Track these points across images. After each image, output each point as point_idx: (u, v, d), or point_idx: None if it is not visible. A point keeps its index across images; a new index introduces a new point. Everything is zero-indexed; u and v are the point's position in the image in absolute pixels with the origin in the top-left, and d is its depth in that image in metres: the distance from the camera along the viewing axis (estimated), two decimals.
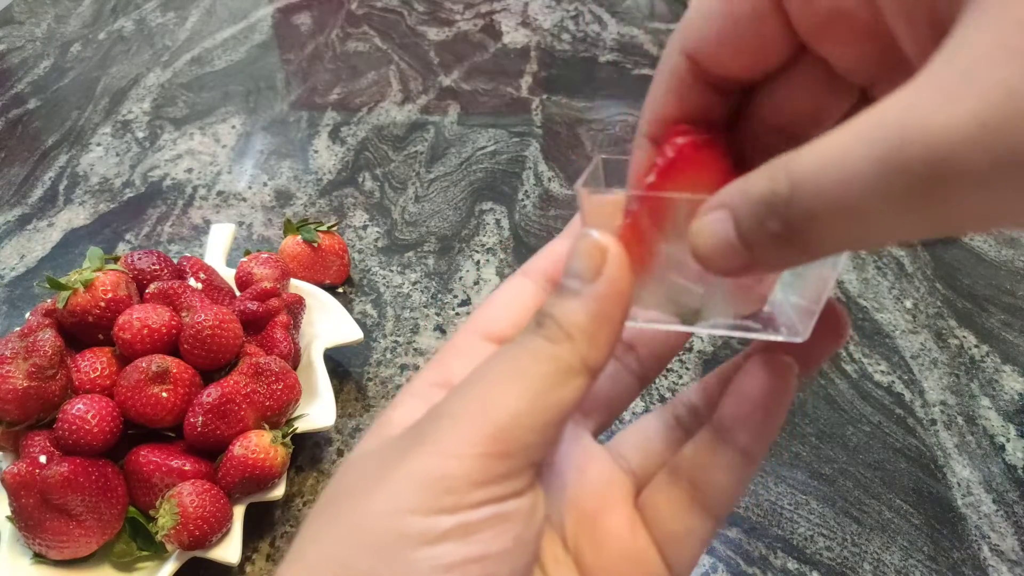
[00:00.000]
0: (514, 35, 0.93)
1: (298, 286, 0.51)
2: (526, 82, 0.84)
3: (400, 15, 0.98)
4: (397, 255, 0.61)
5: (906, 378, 0.51)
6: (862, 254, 0.61)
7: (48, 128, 0.77)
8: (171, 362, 0.39)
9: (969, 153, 0.11)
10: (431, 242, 0.62)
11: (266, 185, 0.68)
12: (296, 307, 0.48)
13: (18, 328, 0.41)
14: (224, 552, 0.38)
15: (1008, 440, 0.47)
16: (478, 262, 0.60)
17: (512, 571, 0.17)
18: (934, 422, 0.48)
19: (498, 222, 0.64)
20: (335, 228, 0.57)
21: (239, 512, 0.39)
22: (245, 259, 0.50)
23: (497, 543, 0.16)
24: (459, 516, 0.16)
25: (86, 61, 0.88)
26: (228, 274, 0.50)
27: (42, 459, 0.36)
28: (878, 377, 0.51)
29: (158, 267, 0.45)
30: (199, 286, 0.45)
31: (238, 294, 0.48)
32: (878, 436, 0.47)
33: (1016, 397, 0.49)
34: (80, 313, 0.40)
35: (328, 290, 0.53)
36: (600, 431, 0.23)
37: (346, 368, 0.51)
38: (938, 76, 0.12)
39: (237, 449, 0.39)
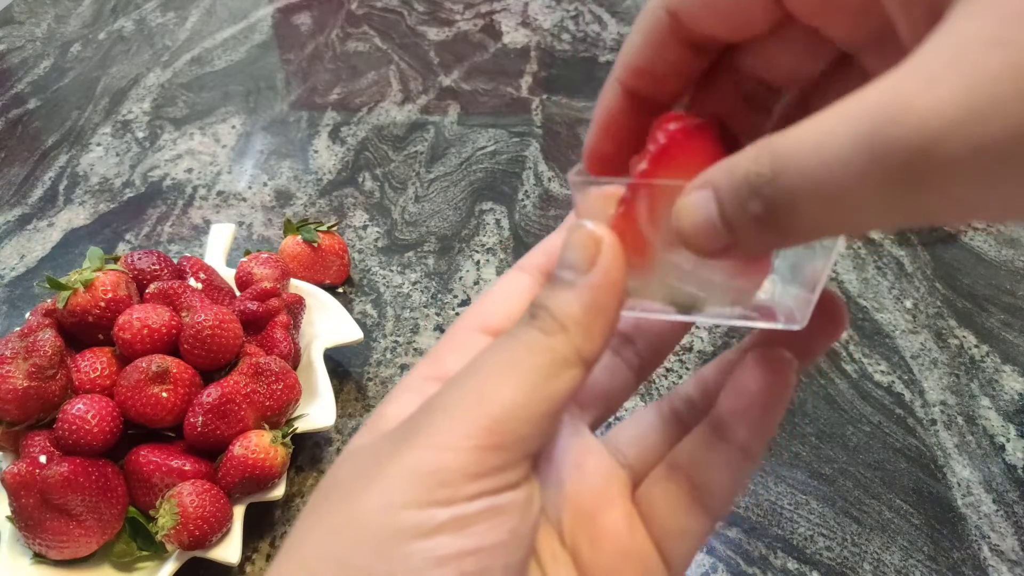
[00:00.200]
0: (514, 35, 0.93)
1: (298, 286, 0.51)
2: (526, 82, 0.84)
3: (400, 15, 0.98)
4: (397, 255, 0.61)
5: (906, 378, 0.51)
6: (862, 254, 0.61)
7: (48, 128, 0.77)
8: (171, 362, 0.39)
9: (950, 139, 0.11)
10: (431, 242, 0.62)
11: (266, 185, 0.68)
12: (296, 307, 0.48)
13: (18, 328, 0.41)
14: (224, 552, 0.38)
15: (1008, 440, 0.47)
16: (478, 262, 0.60)
17: (507, 564, 0.16)
18: (934, 422, 0.48)
19: (498, 222, 0.64)
20: (335, 228, 0.57)
21: (239, 512, 0.39)
22: (245, 259, 0.50)
23: (492, 536, 0.16)
24: (454, 509, 0.16)
25: (86, 61, 0.88)
26: (228, 274, 0.50)
27: (42, 459, 0.36)
28: (878, 377, 0.51)
29: (158, 267, 0.45)
30: (199, 286, 0.45)
31: (238, 294, 0.48)
32: (878, 436, 0.47)
33: (1016, 397, 0.49)
34: (80, 313, 0.40)
35: (328, 290, 0.53)
36: (597, 425, 0.23)
37: (346, 368, 0.51)
38: (925, 61, 0.12)
39: (237, 449, 0.39)
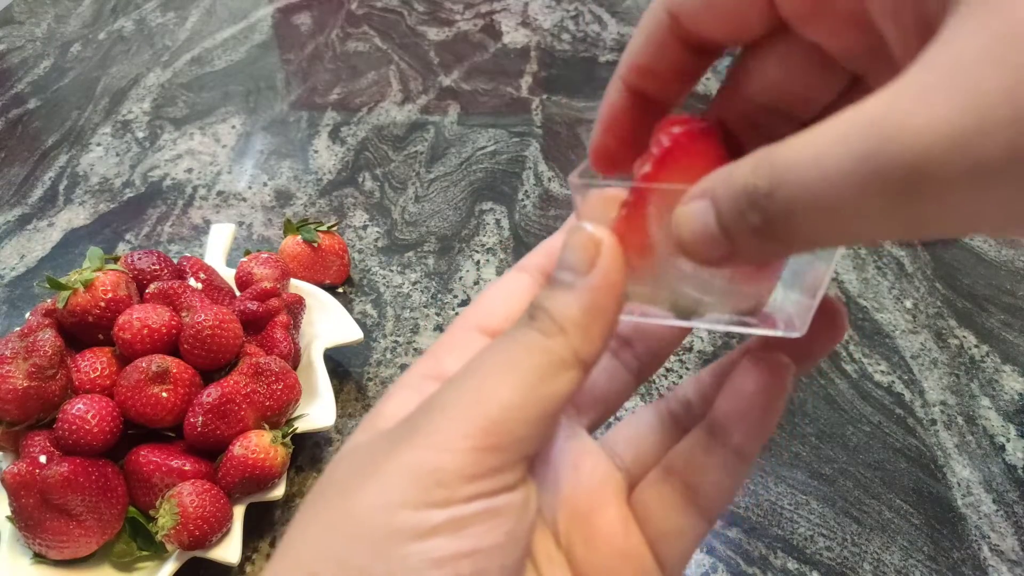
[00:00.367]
0: (514, 35, 0.93)
1: (298, 286, 0.51)
2: (526, 82, 0.84)
3: (400, 15, 0.98)
4: (397, 255, 0.61)
5: (906, 378, 0.51)
6: (862, 254, 0.61)
7: (48, 128, 0.77)
8: (171, 362, 0.39)
9: (945, 157, 0.11)
10: (431, 242, 0.62)
11: (266, 185, 0.68)
12: (296, 307, 0.48)
13: (18, 328, 0.41)
14: (224, 552, 0.38)
15: (1008, 440, 0.47)
16: (478, 262, 0.60)
17: (503, 566, 0.16)
18: (934, 422, 0.48)
19: (498, 222, 0.64)
20: (335, 228, 0.57)
21: (239, 512, 0.39)
22: (245, 259, 0.50)
23: (489, 538, 0.16)
24: (451, 510, 0.16)
25: (86, 61, 0.88)
26: (228, 274, 0.50)
27: (42, 459, 0.36)
28: (878, 377, 0.51)
29: (158, 267, 0.45)
30: (199, 286, 0.45)
31: (238, 294, 0.48)
32: (878, 436, 0.47)
33: (1016, 397, 0.49)
34: (80, 313, 0.40)
35: (328, 290, 0.53)
36: (595, 427, 0.23)
37: (346, 368, 0.51)
38: (919, 78, 0.12)
39: (237, 449, 0.39)
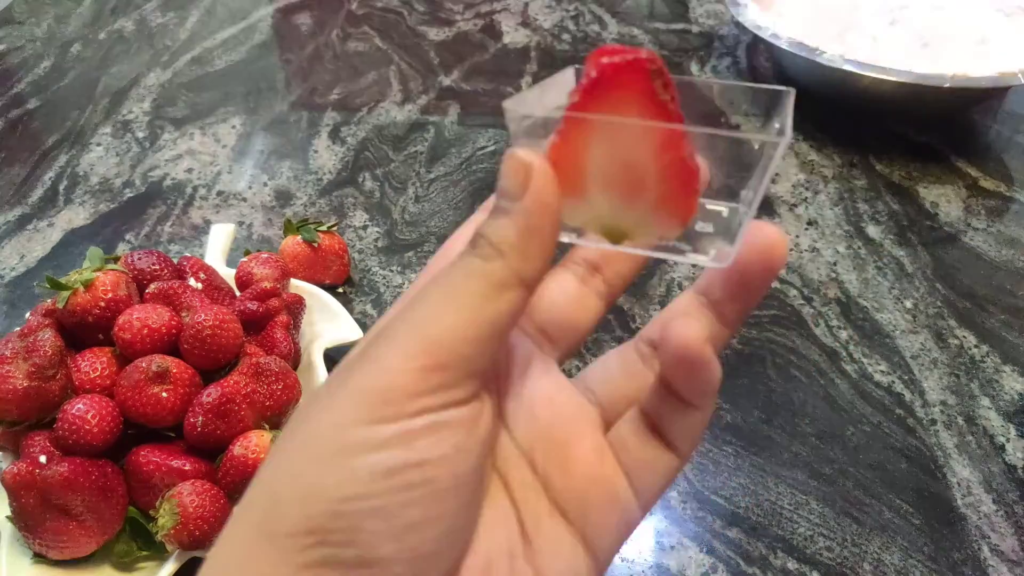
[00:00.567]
0: (514, 35, 0.93)
1: (298, 286, 0.51)
2: (526, 82, 0.84)
3: (400, 15, 0.98)
4: (397, 255, 0.61)
5: (906, 378, 0.51)
6: (862, 254, 0.61)
7: (48, 128, 0.77)
8: (171, 362, 0.39)
9: None
10: (431, 242, 0.62)
11: (266, 185, 0.68)
12: (296, 307, 0.48)
13: (18, 328, 0.41)
14: None
15: (1008, 440, 0.47)
16: None
17: (453, 475, 0.17)
18: (934, 422, 0.48)
19: None
20: (335, 228, 0.57)
21: None
22: (245, 259, 0.50)
23: (436, 450, 0.17)
24: (399, 425, 0.17)
25: (86, 61, 0.88)
26: (228, 274, 0.50)
27: (42, 459, 0.36)
28: (878, 377, 0.51)
29: (158, 267, 0.45)
30: (199, 286, 0.45)
31: (238, 294, 0.48)
32: (878, 436, 0.47)
33: (1016, 397, 0.49)
34: (80, 313, 0.40)
35: (328, 290, 0.53)
36: (567, 358, 0.24)
37: None
38: None
39: (237, 449, 0.39)
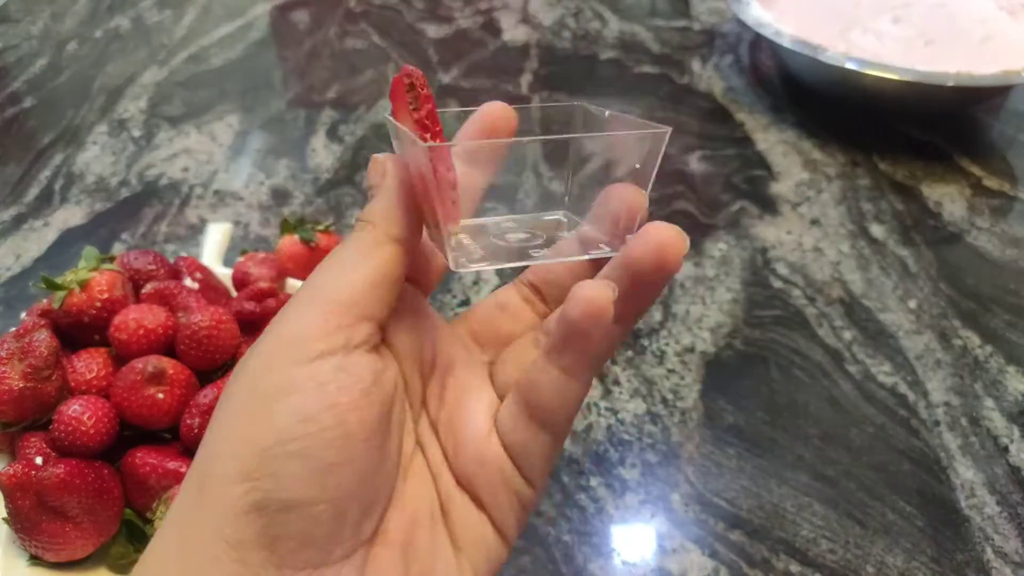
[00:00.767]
0: (514, 32, 0.93)
1: (295, 286, 0.51)
2: (526, 80, 0.83)
3: (399, 12, 0.97)
4: None
5: (910, 379, 0.50)
6: (866, 254, 0.60)
7: (44, 127, 0.76)
8: (167, 363, 0.39)
9: None
10: None
11: (263, 184, 0.68)
12: None
13: (14, 329, 0.40)
14: None
15: (1012, 442, 0.47)
16: None
17: (361, 420, 0.19)
18: (938, 423, 0.48)
19: None
20: (332, 228, 0.57)
21: None
22: (242, 259, 0.49)
23: (346, 395, 0.19)
24: (309, 368, 0.19)
25: (82, 59, 0.88)
26: (225, 274, 0.50)
27: (38, 460, 0.36)
28: (882, 378, 0.50)
29: (154, 267, 0.44)
30: (195, 286, 0.45)
31: (234, 294, 0.48)
32: (881, 438, 0.47)
33: (1020, 398, 0.49)
34: (76, 313, 0.40)
35: None
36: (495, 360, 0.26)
37: None
38: None
39: None
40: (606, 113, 0.24)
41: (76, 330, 0.40)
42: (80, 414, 0.36)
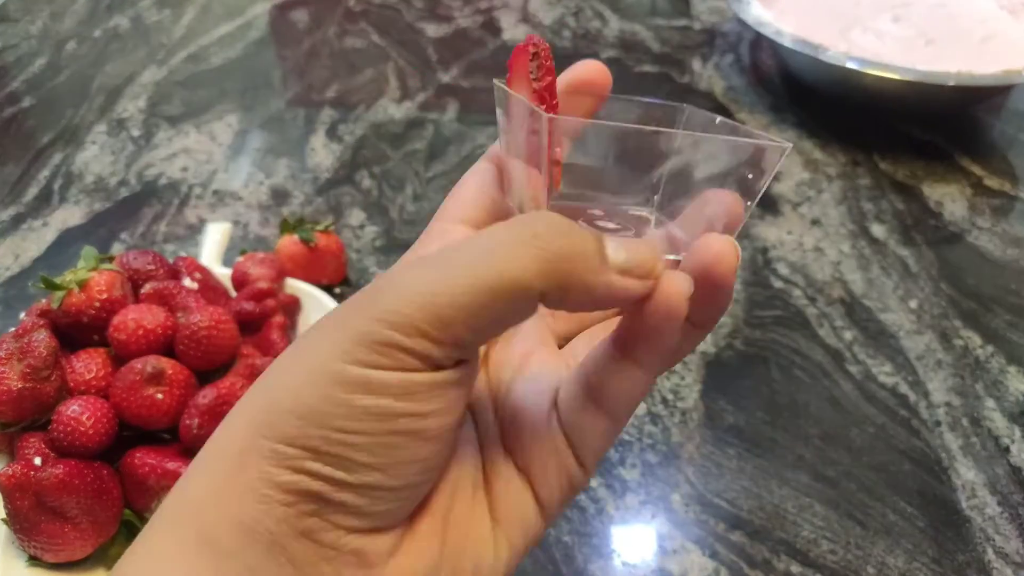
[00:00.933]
0: (514, 31, 0.92)
1: (295, 286, 0.51)
2: None
3: (398, 11, 0.97)
4: (395, 255, 0.60)
5: (911, 379, 0.50)
6: (866, 253, 0.60)
7: (43, 126, 0.76)
8: (166, 363, 0.38)
9: None
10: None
11: (262, 184, 0.68)
12: (293, 307, 0.47)
13: (13, 329, 0.40)
14: None
15: (1013, 442, 0.47)
16: None
17: (441, 426, 0.19)
18: (939, 423, 0.48)
19: None
20: (332, 227, 0.57)
21: None
22: (241, 259, 0.49)
23: (430, 405, 0.18)
24: (400, 375, 0.18)
25: (81, 59, 0.88)
26: (224, 274, 0.50)
27: (37, 461, 0.36)
28: (883, 378, 0.50)
29: (153, 267, 0.44)
30: (195, 286, 0.45)
31: (234, 294, 0.47)
32: (882, 438, 0.47)
33: (1021, 398, 0.49)
34: (75, 314, 0.40)
35: (325, 290, 0.52)
36: (563, 339, 0.25)
37: None
38: None
39: None
40: (717, 119, 0.23)
41: (75, 330, 0.40)
42: (79, 414, 0.36)
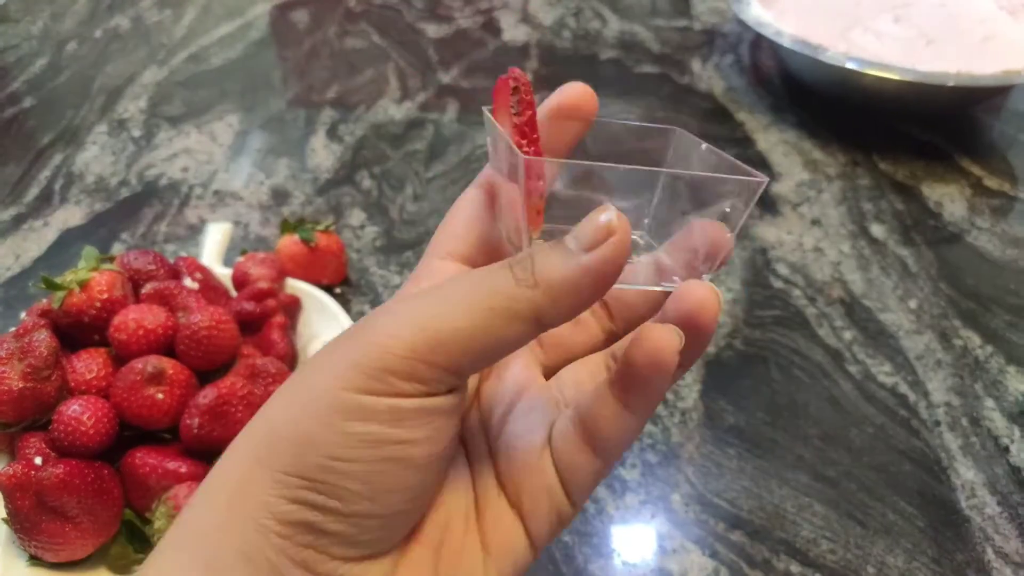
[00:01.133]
0: (514, 32, 0.92)
1: (295, 286, 0.51)
2: None
3: (398, 12, 0.97)
4: (395, 255, 0.60)
5: (910, 379, 0.50)
6: (866, 253, 0.60)
7: (43, 127, 0.76)
8: (167, 363, 0.39)
9: None
10: (430, 242, 0.61)
11: (263, 184, 0.68)
12: (293, 307, 0.47)
13: (13, 329, 0.40)
14: None
15: (1012, 442, 0.47)
16: None
17: (430, 454, 0.19)
18: (938, 423, 0.48)
19: None
20: (332, 227, 0.57)
21: None
22: (241, 259, 0.49)
23: (419, 432, 0.19)
24: (392, 401, 0.18)
25: (82, 59, 0.88)
26: (224, 274, 0.50)
27: (38, 461, 0.36)
28: (882, 378, 0.50)
29: (154, 267, 0.44)
30: (195, 286, 0.45)
31: (234, 294, 0.47)
32: (882, 438, 0.47)
33: (1021, 398, 0.49)
34: (76, 314, 0.40)
35: (325, 290, 0.52)
36: (551, 369, 0.25)
37: None
38: None
39: None
40: (703, 146, 0.23)
41: (76, 330, 0.40)
42: (80, 414, 0.36)
